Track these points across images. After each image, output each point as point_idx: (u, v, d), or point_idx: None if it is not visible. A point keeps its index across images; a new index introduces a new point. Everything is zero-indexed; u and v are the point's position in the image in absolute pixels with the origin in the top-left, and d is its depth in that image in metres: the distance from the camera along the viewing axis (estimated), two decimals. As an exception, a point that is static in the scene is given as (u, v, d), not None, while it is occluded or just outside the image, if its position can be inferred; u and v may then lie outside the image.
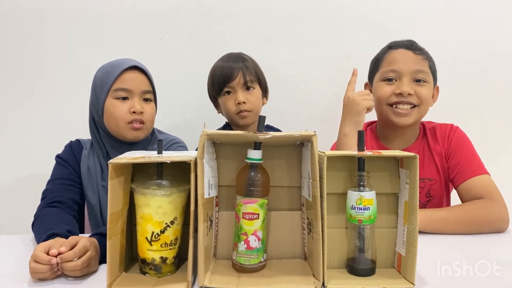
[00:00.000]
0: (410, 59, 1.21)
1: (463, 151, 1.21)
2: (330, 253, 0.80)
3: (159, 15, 1.60)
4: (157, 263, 0.77)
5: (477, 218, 1.04)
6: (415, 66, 1.20)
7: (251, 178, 0.78)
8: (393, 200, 0.82)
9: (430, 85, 1.22)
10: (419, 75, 1.20)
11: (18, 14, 1.57)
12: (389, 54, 1.25)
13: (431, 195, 1.25)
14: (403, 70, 1.20)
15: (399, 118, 1.21)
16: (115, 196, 0.74)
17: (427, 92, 1.21)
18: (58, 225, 0.93)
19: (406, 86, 1.19)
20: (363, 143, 0.78)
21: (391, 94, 1.21)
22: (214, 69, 1.32)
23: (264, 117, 0.76)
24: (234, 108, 1.28)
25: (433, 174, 1.24)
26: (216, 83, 1.29)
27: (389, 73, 1.23)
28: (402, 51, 1.23)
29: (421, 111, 1.22)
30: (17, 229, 1.17)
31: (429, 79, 1.22)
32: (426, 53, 1.24)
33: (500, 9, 1.64)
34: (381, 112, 1.26)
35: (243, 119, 1.29)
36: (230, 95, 1.29)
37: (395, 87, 1.21)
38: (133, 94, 1.15)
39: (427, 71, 1.21)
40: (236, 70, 1.27)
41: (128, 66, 1.15)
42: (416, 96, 1.20)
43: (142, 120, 1.15)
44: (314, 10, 1.63)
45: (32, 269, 0.76)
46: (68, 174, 1.15)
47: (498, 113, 1.68)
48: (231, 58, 1.31)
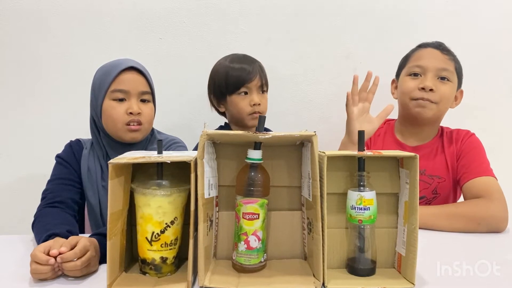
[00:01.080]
0: (436, 57, 1.25)
1: (474, 154, 1.24)
2: (330, 253, 0.80)
3: (159, 15, 1.60)
4: (157, 263, 0.77)
5: (468, 213, 1.06)
6: (440, 64, 1.24)
7: (251, 178, 0.78)
8: (393, 200, 0.82)
9: (454, 85, 1.25)
10: (443, 73, 1.23)
11: (18, 14, 1.57)
12: (417, 52, 1.30)
13: (437, 192, 1.27)
14: (428, 66, 1.24)
15: (420, 109, 1.23)
16: (115, 196, 0.74)
17: (449, 90, 1.24)
18: (58, 225, 0.93)
19: (429, 81, 1.22)
20: (363, 143, 0.78)
21: (415, 89, 1.24)
22: (228, 68, 1.30)
23: (264, 117, 0.76)
24: (248, 109, 1.29)
25: (443, 172, 1.27)
26: (233, 82, 1.29)
27: (414, 68, 1.27)
28: (430, 49, 1.28)
29: (440, 108, 1.24)
30: (17, 229, 1.18)
31: (453, 78, 1.25)
32: (454, 55, 1.27)
33: (501, 9, 1.64)
34: (403, 105, 1.29)
35: (254, 120, 1.31)
36: (245, 96, 1.30)
37: (419, 82, 1.24)
38: (130, 95, 1.15)
39: (452, 70, 1.24)
40: (255, 72, 1.29)
41: (125, 67, 1.14)
42: (437, 93, 1.22)
43: (139, 121, 1.15)
44: (314, 10, 1.63)
45: (33, 270, 0.76)
46: (68, 174, 1.15)
47: (498, 113, 1.68)
48: (247, 60, 1.32)
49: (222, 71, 1.31)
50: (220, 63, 1.34)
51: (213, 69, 1.35)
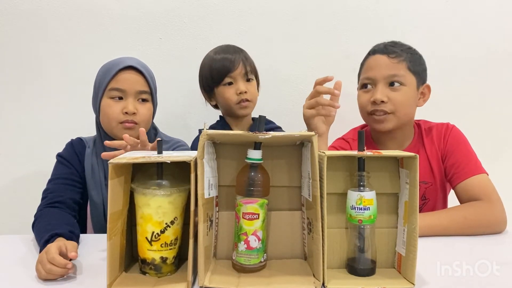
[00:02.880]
0: (383, 64, 1.20)
1: (460, 151, 1.19)
2: (330, 253, 0.80)
3: (159, 15, 1.60)
4: (157, 263, 0.77)
5: (477, 222, 1.04)
6: (388, 71, 1.19)
7: (251, 178, 0.78)
8: (393, 200, 0.82)
9: (409, 87, 1.20)
10: (393, 79, 1.18)
11: (18, 14, 1.57)
12: (367, 62, 1.26)
13: (426, 198, 1.24)
14: (377, 77, 1.20)
15: (377, 125, 1.21)
16: (115, 196, 0.74)
17: (402, 97, 1.18)
18: (61, 226, 0.93)
19: (379, 93, 1.18)
20: (363, 143, 0.78)
21: (368, 103, 1.21)
22: (211, 60, 1.31)
23: (264, 117, 0.76)
24: (235, 98, 1.29)
25: (428, 177, 1.23)
26: (216, 74, 1.29)
27: (364, 80, 1.24)
28: (377, 57, 1.22)
29: (398, 117, 1.19)
30: (17, 229, 1.18)
31: (406, 81, 1.19)
32: (406, 53, 1.20)
33: (500, 8, 1.64)
34: (364, 119, 1.27)
35: (243, 109, 1.31)
36: (230, 86, 1.29)
37: (370, 95, 1.21)
38: (127, 94, 1.15)
39: (402, 74, 1.19)
40: (237, 60, 1.28)
41: (124, 66, 1.15)
42: (390, 102, 1.18)
43: (134, 121, 1.15)
44: (314, 10, 1.63)
45: (48, 270, 0.76)
46: (69, 173, 1.15)
47: (498, 113, 1.68)
48: (229, 49, 1.32)
49: (207, 63, 1.32)
50: (206, 56, 1.35)
51: (201, 63, 1.36)
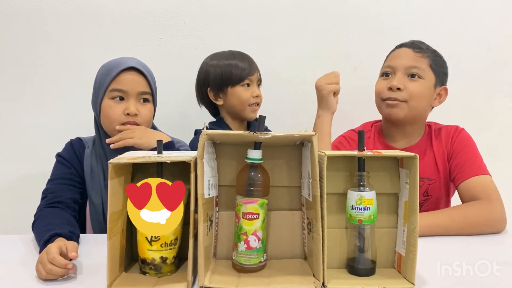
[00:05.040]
0: (407, 55, 1.24)
1: (466, 152, 1.21)
2: (330, 253, 0.80)
3: (159, 15, 1.60)
4: (157, 263, 0.77)
5: (476, 221, 1.04)
6: (410, 62, 1.22)
7: (251, 178, 0.78)
8: (393, 200, 0.82)
9: (427, 82, 1.22)
10: (413, 70, 1.22)
11: (18, 14, 1.57)
12: (391, 53, 1.31)
13: (428, 194, 1.25)
14: (398, 65, 1.23)
15: (389, 110, 1.23)
16: (115, 196, 0.74)
17: (418, 88, 1.21)
18: (61, 226, 0.93)
19: (397, 80, 1.21)
20: (363, 143, 0.78)
21: (384, 89, 1.24)
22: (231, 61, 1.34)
23: (264, 117, 0.76)
24: (251, 100, 1.35)
25: (433, 174, 1.24)
26: (237, 74, 1.33)
27: (385, 68, 1.28)
28: (403, 49, 1.27)
29: (412, 106, 1.21)
30: (17, 229, 1.17)
31: (425, 76, 1.22)
32: (430, 52, 1.25)
33: (500, 8, 1.64)
34: (377, 106, 1.29)
35: (253, 112, 1.38)
36: (248, 88, 1.35)
37: (388, 82, 1.24)
38: (129, 95, 1.15)
39: (423, 67, 1.22)
40: (255, 66, 1.37)
41: (126, 67, 1.14)
42: (405, 91, 1.21)
43: (135, 122, 1.15)
44: (314, 10, 1.63)
45: (49, 270, 0.76)
46: (68, 173, 1.15)
47: (498, 113, 1.68)
48: (244, 56, 1.37)
49: (224, 63, 1.35)
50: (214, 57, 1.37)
51: (208, 63, 1.37)
